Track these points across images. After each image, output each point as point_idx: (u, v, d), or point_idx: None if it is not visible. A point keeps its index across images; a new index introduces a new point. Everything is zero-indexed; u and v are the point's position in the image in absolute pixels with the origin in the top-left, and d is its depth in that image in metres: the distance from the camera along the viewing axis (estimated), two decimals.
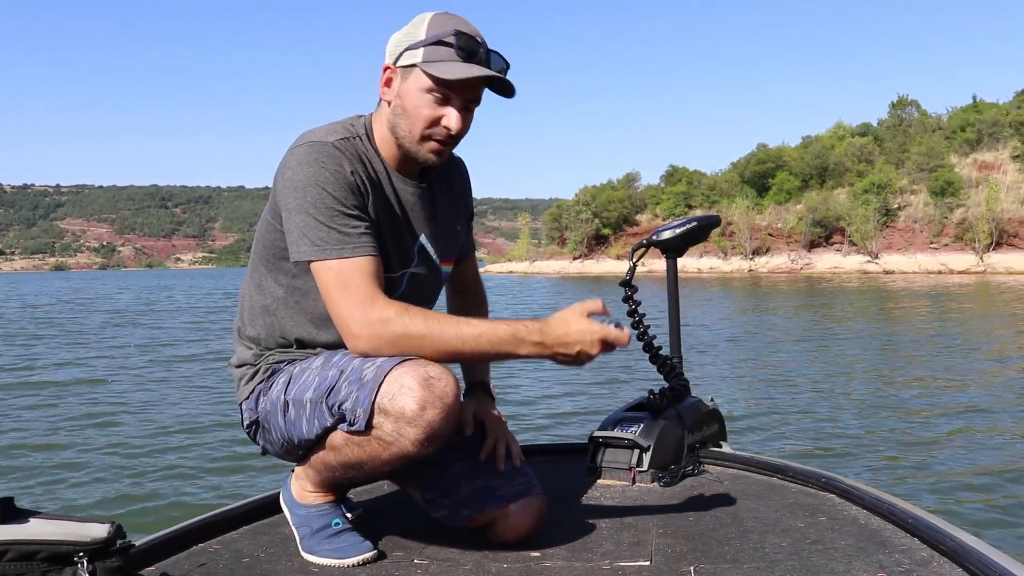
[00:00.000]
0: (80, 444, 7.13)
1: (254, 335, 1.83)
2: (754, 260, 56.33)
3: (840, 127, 66.56)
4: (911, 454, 6.20)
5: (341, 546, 1.71)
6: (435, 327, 1.58)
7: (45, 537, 1.40)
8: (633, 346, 1.77)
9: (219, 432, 7.37)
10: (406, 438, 1.52)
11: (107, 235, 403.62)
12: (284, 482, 1.87)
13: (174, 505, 5.21)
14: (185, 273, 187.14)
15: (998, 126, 53.83)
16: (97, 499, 5.41)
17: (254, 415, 1.79)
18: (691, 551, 1.71)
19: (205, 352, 14.51)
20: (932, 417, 7.62)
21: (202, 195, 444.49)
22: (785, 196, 58.14)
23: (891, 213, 52.64)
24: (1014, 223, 47.00)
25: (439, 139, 1.69)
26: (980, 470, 5.68)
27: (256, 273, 1.82)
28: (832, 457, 6.15)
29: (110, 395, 9.81)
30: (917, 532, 1.71)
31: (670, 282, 2.53)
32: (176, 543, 1.78)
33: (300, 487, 1.79)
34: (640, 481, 2.26)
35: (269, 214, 1.75)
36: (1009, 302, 23.83)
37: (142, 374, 11.79)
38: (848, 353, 12.60)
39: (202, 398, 9.44)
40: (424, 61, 1.65)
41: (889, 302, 25.28)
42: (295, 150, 1.67)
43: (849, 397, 8.81)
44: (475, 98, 1.71)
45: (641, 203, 67.82)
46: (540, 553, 1.73)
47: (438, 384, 1.52)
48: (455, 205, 1.95)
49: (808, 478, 2.19)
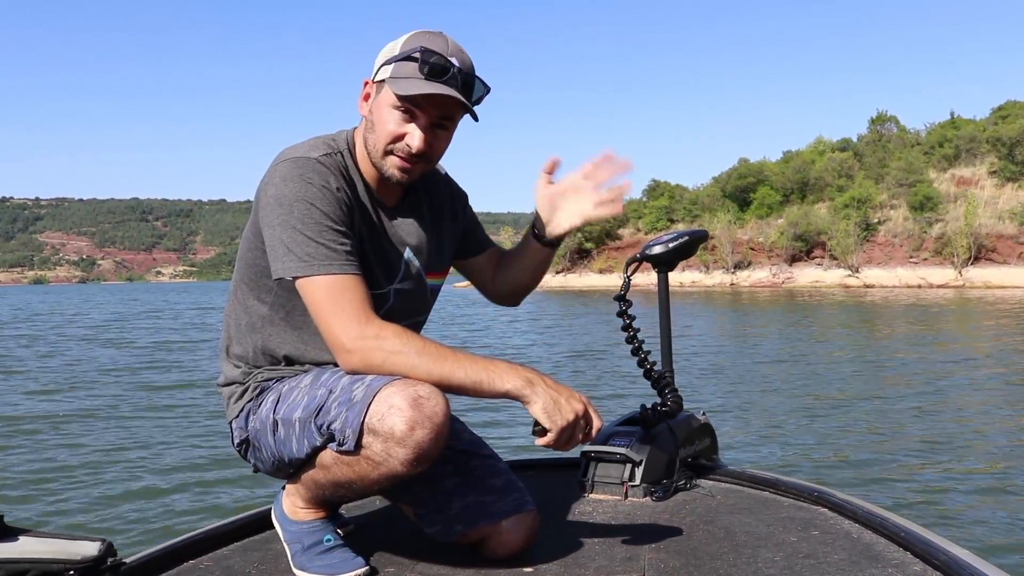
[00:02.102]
0: (70, 461, 7.08)
1: (241, 353, 1.81)
2: (736, 274, 56.58)
3: (820, 142, 67.06)
4: (903, 468, 6.23)
5: (333, 562, 1.71)
6: (430, 349, 1.57)
7: (36, 555, 1.40)
8: (626, 361, 1.75)
9: (210, 448, 7.33)
10: (395, 458, 1.51)
11: (87, 248, 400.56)
12: (276, 498, 1.86)
13: (165, 522, 5.18)
14: (167, 287, 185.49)
15: (975, 142, 54.37)
16: (88, 516, 5.37)
17: (244, 434, 1.78)
18: (684, 566, 1.71)
19: (197, 367, 14.44)
20: (923, 431, 7.66)
21: (183, 208, 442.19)
22: (766, 210, 58.46)
23: (871, 227, 53.01)
24: (992, 237, 47.46)
25: (401, 155, 1.67)
26: (972, 484, 5.70)
27: (240, 291, 1.80)
28: (824, 471, 6.16)
29: (101, 413, 9.73)
30: (910, 546, 1.71)
31: (661, 296, 2.53)
32: (167, 560, 1.77)
33: (291, 503, 1.79)
34: (632, 496, 2.25)
35: (251, 232, 1.74)
36: (992, 316, 24.01)
37: (132, 389, 11.72)
38: (838, 368, 12.65)
39: (193, 414, 9.40)
40: (391, 77, 1.65)
41: (874, 316, 25.43)
42: (278, 166, 1.66)
43: (840, 411, 8.85)
44: (447, 116, 1.69)
45: (623, 217, 68.04)
46: (533, 569, 1.73)
47: (428, 404, 1.50)
48: (440, 211, 1.93)
49: (800, 492, 2.19)
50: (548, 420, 1.53)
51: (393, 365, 1.55)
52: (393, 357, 1.55)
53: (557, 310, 30.25)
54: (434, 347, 1.57)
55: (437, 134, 1.69)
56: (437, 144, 1.71)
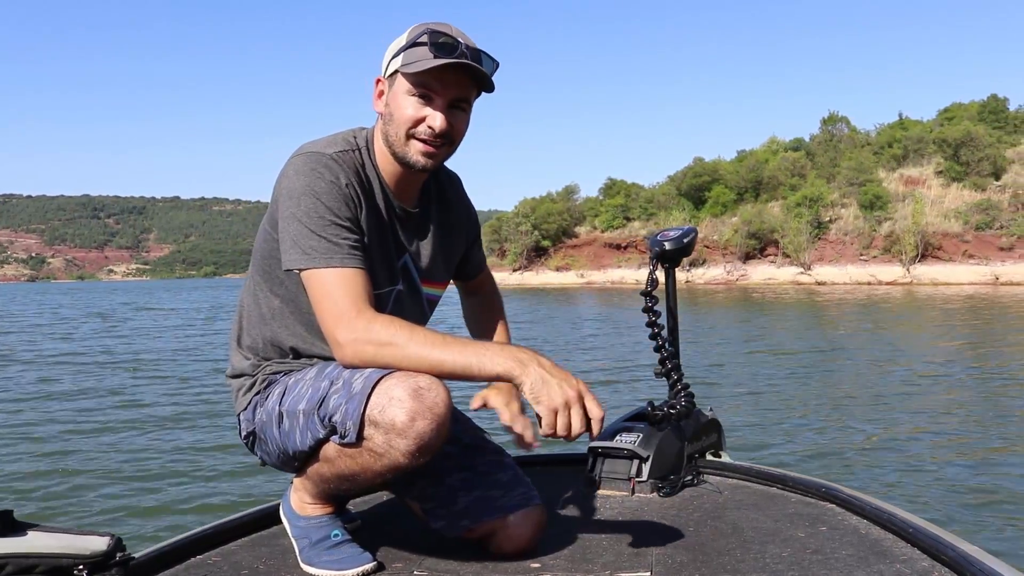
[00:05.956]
0: (79, 456, 7.02)
1: (251, 344, 1.83)
2: (691, 272, 56.99)
3: (774, 142, 67.66)
4: (911, 463, 6.18)
5: (341, 558, 1.72)
6: (419, 338, 1.56)
7: (44, 550, 1.41)
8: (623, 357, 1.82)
9: (218, 443, 7.29)
10: (397, 450, 1.52)
11: (36, 246, 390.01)
12: (284, 494, 1.87)
13: (173, 517, 5.17)
14: (118, 285, 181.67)
15: (923, 143, 55.38)
16: (96, 511, 5.35)
17: (251, 426, 1.80)
18: (691, 561, 1.70)
19: (203, 361, 14.31)
20: (931, 426, 7.64)
21: (136, 205, 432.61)
22: (721, 209, 58.89)
23: (823, 226, 53.71)
24: (938, 236, 48.35)
25: (423, 138, 1.68)
26: (981, 479, 5.69)
27: (253, 283, 1.83)
28: (832, 466, 6.11)
29: (108, 407, 9.62)
30: (918, 542, 1.70)
31: (669, 292, 2.50)
32: (175, 555, 1.78)
33: (299, 499, 1.80)
34: (640, 491, 2.25)
35: (268, 223, 1.76)
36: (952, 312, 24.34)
37: (142, 385, 11.56)
38: (843, 364, 12.66)
39: (201, 408, 9.30)
40: (403, 64, 1.66)
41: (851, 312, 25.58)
42: (293, 160, 1.69)
43: (847, 407, 8.81)
44: (462, 97, 1.70)
45: (580, 215, 68.24)
46: (540, 564, 1.73)
47: (428, 395, 1.51)
48: (451, 228, 1.95)
49: (808, 488, 2.18)
50: (534, 400, 1.48)
51: (383, 357, 1.56)
52: (383, 349, 1.56)
53: (515, 307, 30.02)
54: (423, 335, 1.57)
55: (456, 115, 1.70)
56: (457, 125, 1.71)
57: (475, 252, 2.09)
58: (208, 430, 8.06)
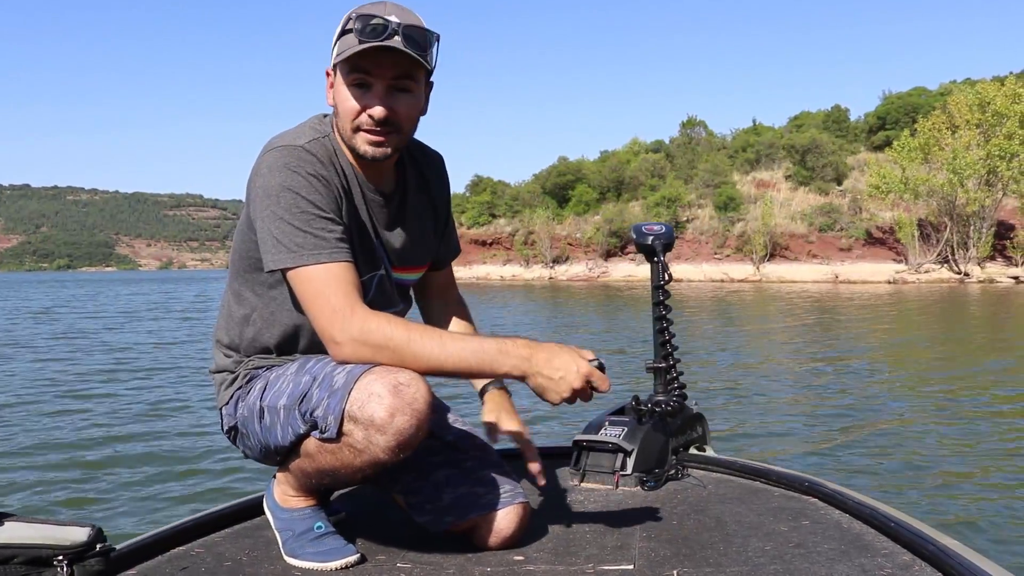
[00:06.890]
0: (58, 446, 6.73)
1: (233, 342, 1.81)
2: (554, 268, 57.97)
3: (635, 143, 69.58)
4: (893, 457, 6.22)
5: (324, 549, 1.71)
6: (417, 338, 1.56)
7: (23, 541, 1.39)
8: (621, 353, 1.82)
9: (200, 434, 7.10)
10: (377, 445, 1.52)
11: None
12: (267, 486, 1.86)
13: (155, 508, 5.04)
14: None
15: (774, 148, 58.19)
16: (77, 502, 5.18)
17: (233, 420, 1.79)
18: (674, 555, 1.71)
19: (186, 356, 13.70)
20: (914, 420, 7.73)
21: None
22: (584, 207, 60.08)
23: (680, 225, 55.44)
24: (785, 236, 50.91)
25: (367, 128, 1.65)
26: (962, 473, 5.76)
27: (234, 283, 1.80)
28: (815, 461, 6.13)
29: (88, 397, 9.27)
30: (899, 536, 1.72)
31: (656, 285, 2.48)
32: (157, 546, 1.76)
33: (282, 491, 1.79)
34: (624, 485, 2.25)
35: (244, 223, 1.72)
36: (796, 306, 25.22)
37: (122, 373, 11.18)
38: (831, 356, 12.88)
39: (185, 400, 9.02)
40: (337, 55, 1.64)
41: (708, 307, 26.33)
42: (265, 156, 1.65)
43: (829, 400, 8.86)
44: (404, 75, 1.65)
45: None
46: (523, 556, 1.74)
47: (407, 390, 1.51)
48: (427, 209, 1.92)
49: (791, 482, 2.20)
50: (541, 395, 1.57)
51: (382, 358, 1.56)
52: (381, 351, 1.56)
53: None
54: (421, 334, 1.57)
55: (398, 98, 1.65)
56: (400, 108, 1.66)
57: (451, 234, 2.05)
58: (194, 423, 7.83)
